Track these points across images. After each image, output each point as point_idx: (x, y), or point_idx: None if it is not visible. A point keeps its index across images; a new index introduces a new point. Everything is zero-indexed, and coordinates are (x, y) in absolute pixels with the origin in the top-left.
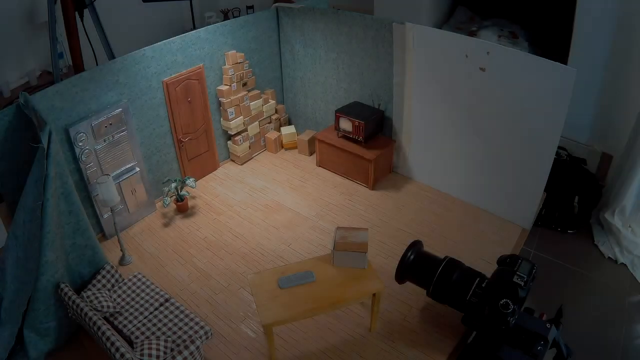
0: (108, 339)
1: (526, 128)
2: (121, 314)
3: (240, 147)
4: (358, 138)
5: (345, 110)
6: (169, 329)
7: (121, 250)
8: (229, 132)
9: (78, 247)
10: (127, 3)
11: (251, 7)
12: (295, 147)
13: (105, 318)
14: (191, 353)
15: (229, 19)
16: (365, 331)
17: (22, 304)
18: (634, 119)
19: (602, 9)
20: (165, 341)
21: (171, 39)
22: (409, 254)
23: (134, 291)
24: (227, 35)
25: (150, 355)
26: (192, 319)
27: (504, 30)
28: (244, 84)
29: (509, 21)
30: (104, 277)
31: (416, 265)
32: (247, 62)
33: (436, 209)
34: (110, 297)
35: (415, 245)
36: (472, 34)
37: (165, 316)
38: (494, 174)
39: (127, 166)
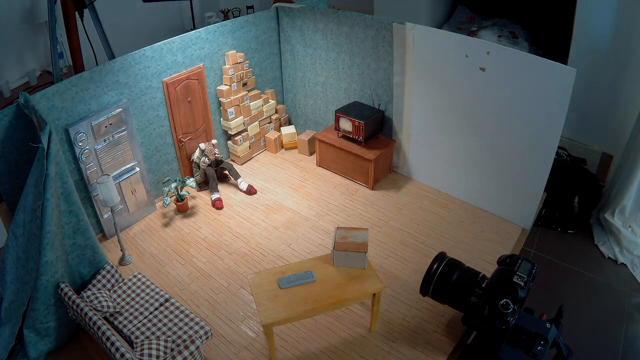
0: (108, 339)
1: (526, 128)
2: (121, 314)
3: (240, 147)
4: (358, 138)
5: (345, 110)
6: (169, 329)
7: (121, 250)
8: (229, 132)
9: (78, 247)
10: (127, 3)
11: (251, 7)
12: (295, 147)
13: (105, 318)
14: (191, 353)
15: (229, 19)
16: (365, 331)
17: (22, 304)
18: (634, 119)
19: (602, 8)
20: (165, 341)
21: (171, 39)
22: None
23: (134, 291)
24: (227, 35)
25: (150, 355)
26: (192, 319)
27: (504, 30)
28: (244, 84)
29: (509, 21)
30: (104, 277)
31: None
32: (247, 62)
33: (436, 209)
34: (110, 297)
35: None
36: (472, 34)
37: (165, 316)
38: (494, 174)
39: (127, 166)
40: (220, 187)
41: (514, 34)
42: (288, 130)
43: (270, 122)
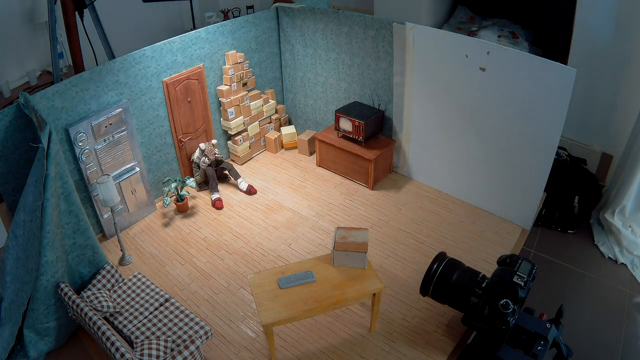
0: (108, 339)
1: (526, 128)
2: (121, 314)
3: (240, 147)
4: (358, 138)
5: (345, 110)
6: (169, 329)
7: (121, 250)
8: (229, 132)
9: (78, 247)
10: (127, 3)
11: (251, 7)
12: (295, 147)
13: (105, 318)
14: (191, 353)
15: (229, 19)
16: (365, 331)
17: (22, 304)
18: (634, 119)
19: (602, 9)
20: (165, 341)
21: (171, 39)
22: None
23: (134, 291)
24: (227, 35)
25: (150, 355)
26: (192, 319)
27: (504, 30)
28: (244, 84)
29: (509, 21)
30: (104, 277)
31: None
32: (247, 62)
33: (436, 209)
34: (110, 297)
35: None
36: (472, 34)
37: (165, 316)
38: (494, 174)
39: (127, 166)
40: (220, 187)
41: (514, 34)
42: (288, 130)
43: (270, 122)
